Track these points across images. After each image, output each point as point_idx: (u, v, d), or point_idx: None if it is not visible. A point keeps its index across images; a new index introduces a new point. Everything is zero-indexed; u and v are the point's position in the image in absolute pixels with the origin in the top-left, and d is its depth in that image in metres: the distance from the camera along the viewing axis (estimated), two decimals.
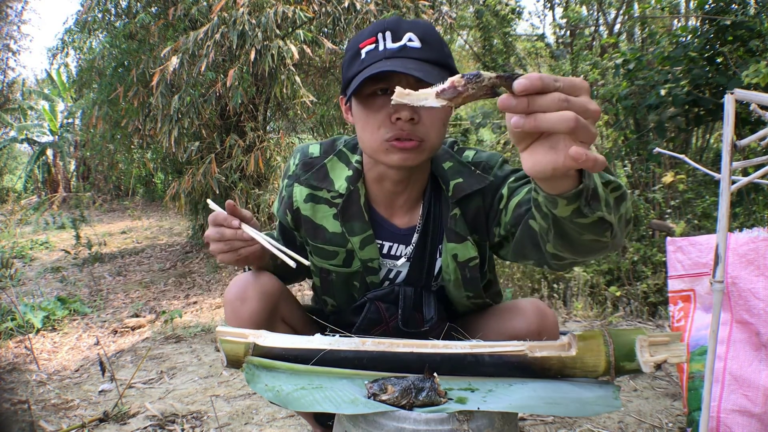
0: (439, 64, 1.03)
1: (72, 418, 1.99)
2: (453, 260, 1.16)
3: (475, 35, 5.87)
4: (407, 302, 1.18)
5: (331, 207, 1.18)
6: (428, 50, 1.02)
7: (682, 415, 1.68)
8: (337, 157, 1.20)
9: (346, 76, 1.07)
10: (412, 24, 1.04)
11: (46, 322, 3.52)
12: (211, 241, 1.07)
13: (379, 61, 1.00)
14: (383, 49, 1.02)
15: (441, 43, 1.05)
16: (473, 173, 1.14)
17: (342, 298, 1.25)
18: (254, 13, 4.21)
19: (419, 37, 1.02)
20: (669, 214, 2.95)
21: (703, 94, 2.83)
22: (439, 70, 1.01)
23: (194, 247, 6.15)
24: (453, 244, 1.15)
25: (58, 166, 13.58)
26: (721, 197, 0.92)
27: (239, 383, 2.24)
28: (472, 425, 0.84)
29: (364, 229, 1.17)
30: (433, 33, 1.05)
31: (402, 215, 1.20)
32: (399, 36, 1.02)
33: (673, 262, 1.45)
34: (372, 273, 1.20)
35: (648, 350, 0.94)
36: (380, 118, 1.03)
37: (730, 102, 0.90)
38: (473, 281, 1.18)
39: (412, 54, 1.01)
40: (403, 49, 1.01)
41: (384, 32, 1.03)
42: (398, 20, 1.05)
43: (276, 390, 0.86)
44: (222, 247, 1.06)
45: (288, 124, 6.19)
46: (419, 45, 1.02)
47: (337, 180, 1.18)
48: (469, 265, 1.16)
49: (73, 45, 6.06)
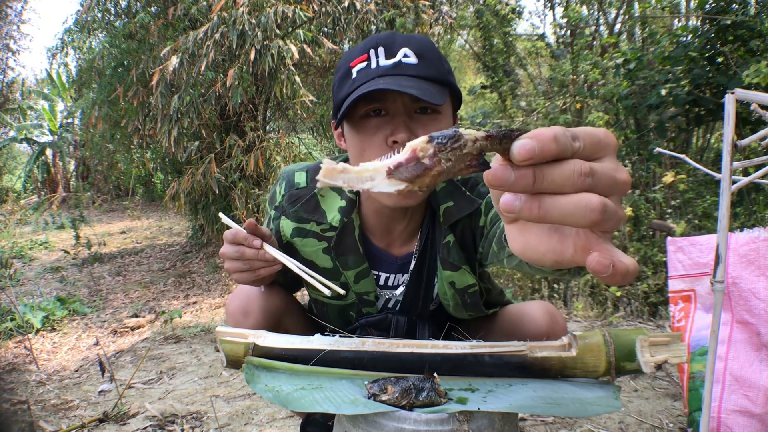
0: (438, 81, 0.94)
1: (72, 419, 1.99)
2: (450, 287, 1.12)
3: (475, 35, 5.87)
4: (399, 332, 1.15)
5: (321, 241, 1.11)
6: (425, 66, 0.94)
7: (683, 415, 1.68)
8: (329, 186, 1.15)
9: (337, 99, 0.98)
10: (407, 38, 0.96)
11: (46, 322, 3.52)
12: (228, 259, 0.98)
13: (371, 80, 0.92)
14: (376, 67, 0.93)
15: (439, 59, 0.97)
16: (463, 194, 1.08)
17: (337, 324, 1.21)
18: (254, 13, 4.20)
19: (415, 53, 0.93)
20: (669, 214, 2.95)
21: (704, 94, 2.83)
22: (438, 88, 0.94)
23: (194, 247, 6.15)
24: (449, 272, 1.10)
25: (58, 166, 13.58)
26: (721, 197, 0.92)
27: (239, 383, 2.23)
28: (473, 425, 0.84)
29: (359, 263, 1.11)
30: (431, 48, 0.97)
31: (399, 245, 1.14)
32: (393, 52, 0.93)
33: (673, 262, 1.45)
34: (368, 305, 1.17)
35: (648, 350, 0.94)
36: (376, 142, 0.95)
37: (730, 102, 0.90)
38: (474, 305, 1.15)
39: (407, 71, 0.92)
40: (398, 66, 0.92)
41: (377, 48, 0.94)
42: (392, 35, 0.96)
43: (276, 390, 0.86)
44: (240, 267, 0.98)
45: (288, 123, 6.19)
46: (415, 61, 0.93)
47: (329, 212, 1.09)
48: (468, 292, 1.12)
49: (73, 45, 6.06)
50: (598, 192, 0.39)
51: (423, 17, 4.72)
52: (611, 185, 0.39)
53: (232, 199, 4.83)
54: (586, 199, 0.38)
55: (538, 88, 4.69)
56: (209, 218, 5.27)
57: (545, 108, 3.93)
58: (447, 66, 0.99)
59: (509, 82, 4.59)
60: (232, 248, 0.97)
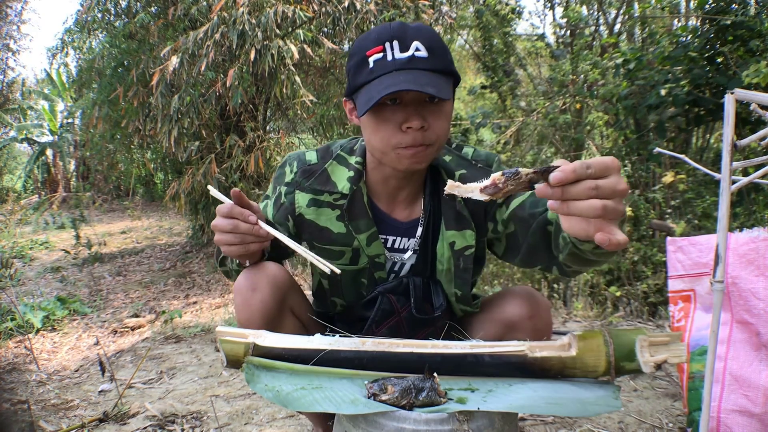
0: (445, 72, 1.06)
1: (72, 418, 1.99)
2: (449, 248, 1.20)
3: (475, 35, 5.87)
4: (418, 292, 1.23)
5: (334, 209, 1.21)
6: (435, 59, 1.04)
7: (683, 415, 1.68)
8: (336, 161, 1.23)
9: (354, 83, 1.08)
10: (417, 31, 1.05)
11: (46, 322, 3.52)
12: (220, 232, 1.04)
13: (389, 73, 1.02)
14: (392, 59, 1.03)
15: (445, 50, 1.08)
16: (475, 166, 1.21)
17: (351, 296, 1.28)
18: (254, 13, 4.20)
19: (426, 46, 1.04)
20: (669, 214, 2.95)
21: (704, 94, 2.83)
22: (445, 79, 1.05)
23: (194, 247, 6.16)
24: (452, 232, 1.19)
25: (58, 166, 13.59)
26: (721, 197, 0.92)
27: (239, 383, 2.24)
28: (472, 425, 0.84)
29: (369, 226, 1.20)
30: (438, 40, 1.07)
31: (402, 209, 1.24)
32: (406, 45, 1.03)
33: (673, 262, 1.45)
34: (379, 268, 1.24)
35: (648, 350, 0.94)
36: (391, 126, 1.06)
37: (730, 102, 0.90)
38: (465, 272, 1.21)
39: (420, 65, 1.03)
40: (412, 59, 1.03)
41: (392, 41, 1.04)
42: (403, 27, 1.05)
43: (276, 390, 0.86)
44: (231, 240, 1.03)
45: (288, 124, 6.19)
46: (426, 54, 1.04)
47: (339, 182, 1.21)
48: (465, 254, 1.20)
49: (73, 45, 6.06)
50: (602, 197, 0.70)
51: (423, 17, 4.72)
52: (612, 193, 0.70)
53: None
54: (593, 203, 0.70)
55: (538, 88, 4.69)
56: (209, 218, 5.26)
57: (545, 108, 3.92)
58: (450, 56, 1.09)
59: (509, 82, 4.59)
60: (226, 221, 1.02)
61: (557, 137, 3.88)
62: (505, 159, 3.88)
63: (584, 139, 3.86)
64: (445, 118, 1.08)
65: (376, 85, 1.03)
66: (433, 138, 1.06)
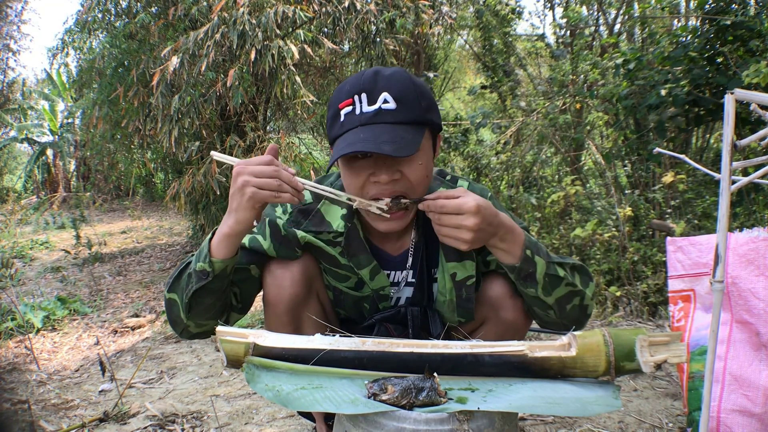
0: (416, 122, 1.06)
1: (72, 418, 1.99)
2: (451, 279, 1.20)
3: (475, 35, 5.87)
4: (416, 322, 1.24)
5: (335, 247, 1.21)
6: (403, 110, 1.05)
7: (682, 415, 1.68)
8: (329, 201, 1.23)
9: (330, 135, 1.12)
10: (388, 80, 1.06)
11: (46, 322, 3.52)
12: (259, 176, 1.00)
13: (354, 129, 1.05)
14: (360, 113, 1.05)
15: (417, 98, 1.07)
16: None
17: (353, 312, 1.30)
18: (254, 13, 4.20)
19: (394, 97, 1.05)
20: (669, 214, 2.95)
21: (703, 94, 2.83)
22: (414, 130, 1.06)
23: (194, 247, 6.15)
24: (453, 263, 1.20)
25: (58, 166, 13.58)
26: (721, 197, 0.92)
27: (239, 383, 2.24)
28: (472, 425, 0.84)
29: (369, 261, 1.21)
30: (409, 88, 1.07)
31: (394, 242, 1.26)
32: (374, 98, 1.05)
33: (673, 262, 1.45)
34: (383, 299, 1.25)
35: (648, 350, 0.94)
36: (361, 178, 1.09)
37: (730, 102, 0.90)
38: (468, 301, 1.22)
39: (386, 118, 1.04)
40: (379, 113, 1.04)
41: (360, 94, 1.05)
42: (375, 77, 1.06)
43: (276, 390, 0.86)
44: (271, 184, 1.00)
45: (288, 124, 6.19)
46: (394, 106, 1.05)
47: (333, 221, 1.21)
48: (466, 284, 1.21)
49: (73, 45, 6.06)
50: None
51: (423, 17, 4.72)
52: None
53: None
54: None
55: (537, 89, 4.69)
56: (210, 218, 5.26)
57: (545, 108, 3.92)
58: (426, 101, 1.09)
59: (509, 82, 4.58)
60: (269, 167, 1.01)
61: (557, 137, 3.88)
62: (505, 159, 3.88)
63: (584, 139, 3.86)
64: (419, 167, 1.08)
65: (341, 142, 1.05)
66: (407, 186, 1.08)
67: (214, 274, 1.07)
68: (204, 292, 1.09)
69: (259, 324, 3.03)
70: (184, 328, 1.16)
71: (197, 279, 1.08)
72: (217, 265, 1.07)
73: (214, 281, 1.08)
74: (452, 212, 1.01)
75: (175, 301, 1.14)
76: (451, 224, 1.01)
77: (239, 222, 1.04)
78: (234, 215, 1.04)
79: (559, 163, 4.08)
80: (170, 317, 1.17)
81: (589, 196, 3.48)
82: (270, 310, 1.21)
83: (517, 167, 3.86)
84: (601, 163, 3.56)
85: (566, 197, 3.28)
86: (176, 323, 1.17)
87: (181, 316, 1.13)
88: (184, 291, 1.11)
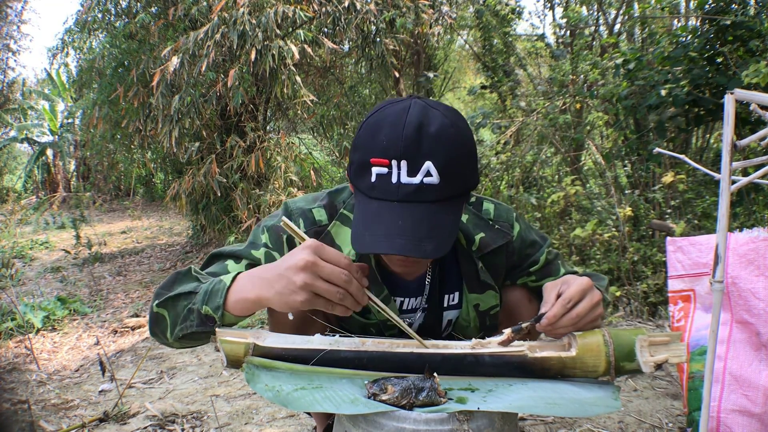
0: (458, 195, 0.96)
1: (72, 418, 2.00)
2: (474, 309, 1.19)
3: (475, 35, 5.87)
4: None
5: None
6: (447, 184, 0.91)
7: (682, 415, 1.68)
8: (340, 222, 1.14)
9: (354, 181, 0.98)
10: (434, 143, 0.90)
11: (46, 322, 3.52)
12: (327, 280, 0.88)
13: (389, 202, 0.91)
14: (396, 183, 0.90)
15: (463, 166, 0.94)
16: (492, 227, 1.18)
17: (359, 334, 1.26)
18: (254, 13, 4.21)
19: (439, 169, 0.90)
20: (669, 214, 2.95)
21: (703, 94, 2.83)
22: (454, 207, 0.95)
23: (194, 247, 6.16)
24: (475, 295, 1.18)
25: (58, 166, 13.59)
26: (721, 197, 0.92)
27: (239, 383, 2.24)
28: (472, 425, 0.84)
29: (380, 291, 1.12)
30: (456, 153, 0.92)
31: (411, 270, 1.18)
32: (416, 167, 0.90)
33: (673, 262, 1.45)
34: (390, 329, 1.18)
35: (648, 350, 0.94)
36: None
37: (730, 102, 0.90)
38: (492, 328, 1.22)
39: (427, 196, 0.91)
40: (420, 189, 0.90)
41: (399, 160, 0.90)
42: (418, 138, 0.90)
43: (276, 390, 0.86)
44: (334, 294, 0.88)
45: (288, 124, 6.19)
46: (437, 181, 0.90)
47: (344, 246, 1.11)
48: (490, 314, 1.21)
49: (73, 45, 6.07)
50: (581, 324, 0.97)
51: (423, 17, 4.72)
52: (589, 312, 0.96)
53: (233, 200, 4.84)
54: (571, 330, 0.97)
55: (537, 89, 4.69)
56: (210, 218, 5.27)
57: (545, 108, 3.92)
58: (472, 164, 0.97)
59: (509, 83, 4.58)
60: (342, 276, 0.88)
61: (557, 137, 3.88)
62: (505, 159, 3.88)
63: (584, 139, 3.86)
64: None
65: (373, 215, 0.92)
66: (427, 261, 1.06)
67: (220, 326, 0.97)
68: (203, 335, 1.01)
69: (259, 324, 3.03)
70: (165, 343, 1.08)
71: (199, 322, 0.98)
72: (228, 319, 0.97)
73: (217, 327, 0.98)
74: (577, 301, 0.95)
75: (164, 318, 1.02)
76: (590, 321, 0.96)
77: (272, 303, 0.92)
78: (273, 293, 0.90)
79: (559, 163, 4.08)
80: (153, 329, 1.06)
81: (589, 196, 3.48)
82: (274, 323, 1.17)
83: (517, 167, 3.86)
84: (601, 163, 3.56)
85: (566, 197, 3.28)
86: (158, 337, 1.07)
87: (167, 335, 1.04)
88: (178, 322, 1.01)
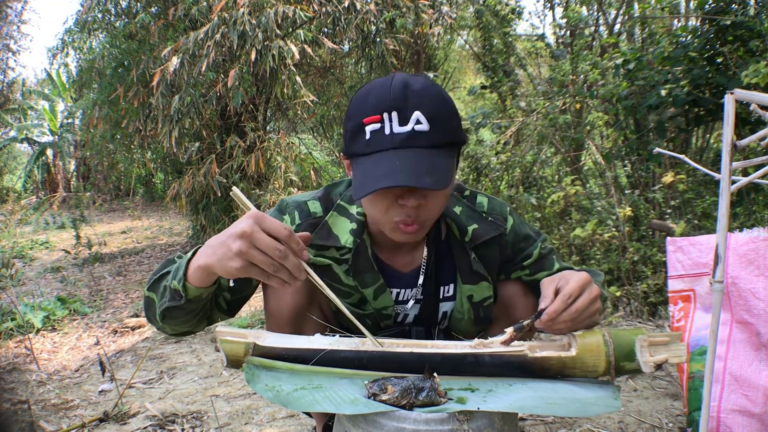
0: (448, 143, 0.99)
1: (72, 418, 2.00)
2: (468, 301, 1.20)
3: (475, 35, 5.87)
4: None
5: (341, 264, 1.16)
6: (436, 132, 0.96)
7: (682, 415, 1.68)
8: (336, 212, 1.16)
9: (351, 150, 1.01)
10: (419, 96, 0.96)
11: (46, 322, 3.52)
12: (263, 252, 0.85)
13: (386, 151, 0.96)
14: (390, 134, 0.96)
15: (450, 116, 1.00)
16: (485, 220, 1.19)
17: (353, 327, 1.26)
18: (254, 13, 4.21)
19: (428, 116, 0.95)
20: (669, 214, 2.95)
21: (703, 94, 2.83)
22: (447, 153, 0.99)
23: (194, 247, 6.15)
24: (468, 286, 1.19)
25: (58, 166, 13.60)
26: (721, 197, 0.92)
27: (239, 383, 2.24)
28: (472, 425, 0.84)
29: (376, 280, 1.16)
30: (442, 104, 0.99)
31: (404, 258, 1.21)
32: (406, 117, 0.95)
33: (673, 262, 1.45)
34: (385, 318, 1.21)
35: (648, 350, 0.94)
36: (387, 201, 1.00)
37: (730, 102, 0.90)
38: (486, 319, 1.22)
39: (420, 141, 0.95)
40: (412, 135, 0.95)
41: (390, 112, 0.95)
42: (404, 92, 0.96)
43: (276, 390, 0.86)
44: (268, 264, 0.85)
45: (288, 124, 6.19)
46: (428, 127, 0.96)
47: (341, 235, 1.14)
48: (484, 305, 1.21)
49: (73, 45, 6.07)
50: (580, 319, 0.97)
51: (423, 17, 4.72)
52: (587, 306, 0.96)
53: (233, 200, 4.83)
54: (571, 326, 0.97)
55: (537, 89, 4.68)
56: (210, 218, 5.27)
57: (545, 108, 3.92)
58: (456, 118, 1.02)
59: (509, 83, 4.58)
60: (277, 247, 0.85)
61: (557, 137, 3.88)
62: (504, 159, 3.88)
63: (584, 139, 3.86)
64: (443, 196, 1.03)
65: (371, 165, 0.96)
66: (426, 217, 1.03)
67: (186, 299, 0.96)
68: (177, 311, 1.00)
69: (259, 324, 3.03)
70: (159, 328, 1.10)
71: (170, 297, 0.98)
72: (191, 291, 0.96)
73: (187, 304, 0.98)
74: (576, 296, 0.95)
75: (153, 301, 1.04)
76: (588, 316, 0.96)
77: (215, 269, 0.90)
78: (215, 259, 0.89)
79: (559, 163, 4.08)
80: (147, 314, 1.09)
81: (589, 196, 3.48)
82: (272, 320, 1.18)
83: (517, 167, 3.86)
84: (601, 163, 3.56)
85: (566, 197, 3.28)
86: (152, 322, 1.09)
87: (156, 318, 1.05)
88: (159, 300, 1.02)
